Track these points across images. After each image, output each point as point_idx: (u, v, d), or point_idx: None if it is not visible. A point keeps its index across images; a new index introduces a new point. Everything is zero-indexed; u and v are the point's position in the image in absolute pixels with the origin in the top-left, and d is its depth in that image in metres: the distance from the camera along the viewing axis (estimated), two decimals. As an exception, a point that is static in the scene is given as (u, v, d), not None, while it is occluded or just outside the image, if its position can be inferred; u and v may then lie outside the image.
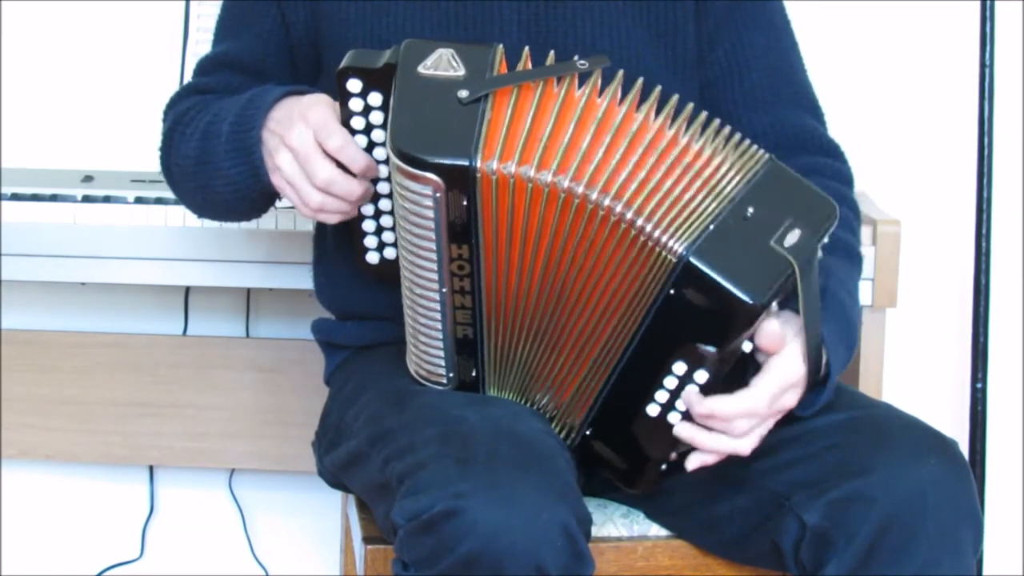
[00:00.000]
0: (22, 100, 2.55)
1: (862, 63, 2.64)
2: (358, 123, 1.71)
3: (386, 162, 1.71)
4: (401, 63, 1.67)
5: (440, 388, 1.76)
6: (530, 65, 1.70)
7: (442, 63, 1.67)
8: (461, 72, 1.66)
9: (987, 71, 2.46)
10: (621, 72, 1.69)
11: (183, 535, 2.71)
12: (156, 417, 2.57)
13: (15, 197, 2.26)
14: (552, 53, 1.70)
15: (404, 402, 1.74)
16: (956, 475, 1.65)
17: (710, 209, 1.63)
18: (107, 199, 2.26)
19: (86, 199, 2.26)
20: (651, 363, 1.66)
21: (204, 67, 1.96)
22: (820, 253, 1.66)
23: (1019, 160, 2.66)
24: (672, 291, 1.62)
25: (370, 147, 1.72)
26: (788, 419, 1.71)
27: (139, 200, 2.26)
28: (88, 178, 2.37)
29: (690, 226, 1.62)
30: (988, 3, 2.45)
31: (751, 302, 1.59)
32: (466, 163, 1.61)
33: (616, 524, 1.86)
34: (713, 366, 1.64)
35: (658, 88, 1.69)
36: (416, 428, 1.67)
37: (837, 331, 1.71)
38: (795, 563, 1.69)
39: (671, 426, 1.68)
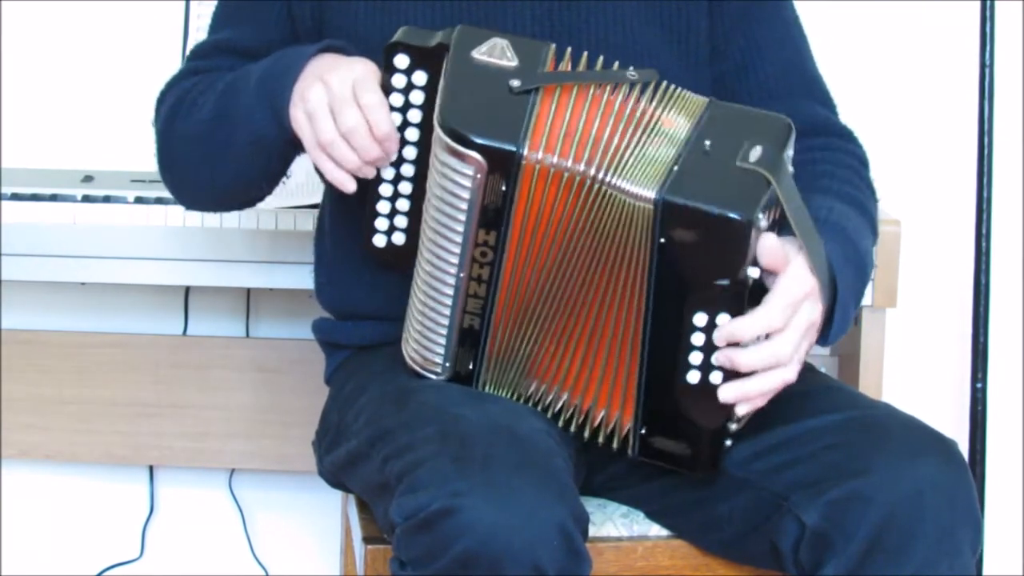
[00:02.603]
0: (22, 100, 2.55)
1: (862, 63, 2.64)
2: (397, 100, 1.73)
3: (415, 144, 1.74)
4: (455, 45, 1.71)
5: (432, 378, 1.77)
6: (570, 66, 1.73)
7: (496, 51, 1.71)
8: (514, 63, 1.70)
9: (987, 71, 2.46)
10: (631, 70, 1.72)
11: (183, 535, 2.71)
12: (156, 417, 2.57)
13: (15, 197, 2.26)
14: (601, 59, 1.73)
15: (403, 401, 1.74)
16: (955, 475, 1.65)
17: (670, 155, 1.66)
18: (107, 199, 2.26)
19: (86, 199, 2.26)
20: (672, 325, 1.66)
21: (202, 51, 1.94)
22: (791, 168, 1.68)
23: (1019, 160, 2.66)
24: (663, 239, 1.63)
25: (403, 126, 1.74)
26: (786, 420, 1.72)
27: (139, 200, 2.26)
28: (88, 178, 2.37)
29: (655, 174, 1.64)
30: (988, 3, 2.45)
31: (738, 217, 1.61)
32: (513, 149, 1.65)
33: (616, 524, 1.86)
34: (729, 303, 1.63)
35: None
36: (415, 427, 1.67)
37: (842, 253, 1.72)
38: (794, 563, 1.69)
39: (716, 387, 1.66)
